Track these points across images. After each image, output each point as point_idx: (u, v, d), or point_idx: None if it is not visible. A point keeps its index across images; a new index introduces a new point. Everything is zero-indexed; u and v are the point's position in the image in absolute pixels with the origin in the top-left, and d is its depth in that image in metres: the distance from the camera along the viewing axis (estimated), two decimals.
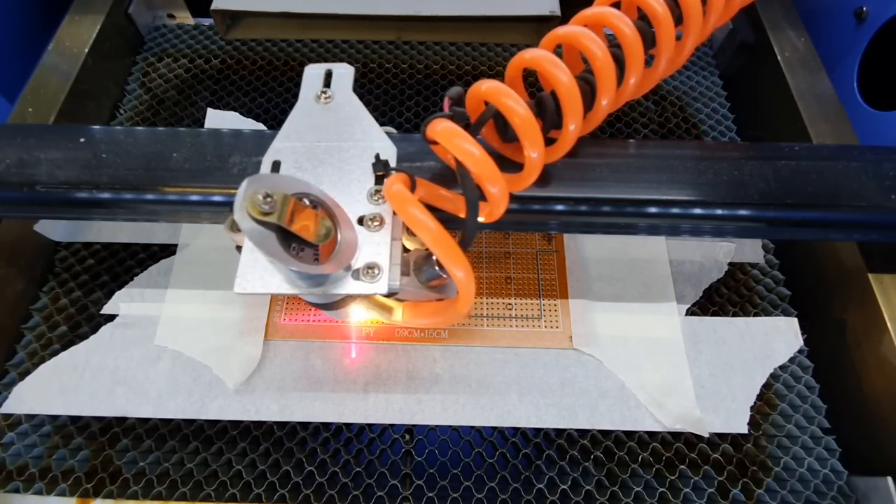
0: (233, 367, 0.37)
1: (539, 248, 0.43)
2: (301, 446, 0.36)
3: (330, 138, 0.29)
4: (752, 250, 0.43)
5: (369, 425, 0.37)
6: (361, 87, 0.51)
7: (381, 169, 0.28)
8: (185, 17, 0.57)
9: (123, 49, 0.53)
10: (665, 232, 0.38)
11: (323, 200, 0.25)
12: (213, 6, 0.51)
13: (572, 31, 0.28)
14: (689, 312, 0.41)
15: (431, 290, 0.28)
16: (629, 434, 0.37)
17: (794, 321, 0.40)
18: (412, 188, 0.27)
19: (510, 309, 0.40)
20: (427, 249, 0.27)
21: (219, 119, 0.49)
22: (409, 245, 0.29)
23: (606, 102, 0.29)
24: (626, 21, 0.28)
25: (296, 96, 0.31)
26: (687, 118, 0.51)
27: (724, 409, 0.37)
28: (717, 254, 0.43)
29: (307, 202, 0.24)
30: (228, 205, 0.31)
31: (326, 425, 0.37)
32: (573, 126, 0.28)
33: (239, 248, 0.27)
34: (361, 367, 0.38)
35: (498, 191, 0.26)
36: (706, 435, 0.36)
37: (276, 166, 0.29)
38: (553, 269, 0.42)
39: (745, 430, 0.36)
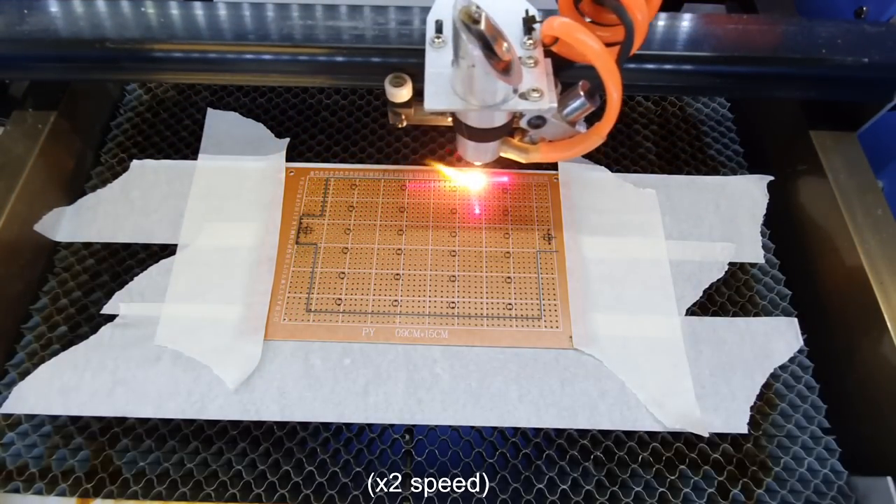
0: (233, 367, 0.37)
1: (539, 248, 0.43)
2: (301, 446, 0.36)
3: (483, 5, 0.34)
4: (752, 250, 0.43)
5: (369, 425, 0.37)
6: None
7: (530, 21, 0.33)
8: None
9: None
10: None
11: (501, 30, 0.30)
12: None
13: None
14: (689, 312, 0.41)
15: (569, 126, 0.34)
16: (629, 434, 0.37)
17: (794, 321, 0.40)
18: None
19: (510, 309, 0.40)
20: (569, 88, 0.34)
21: (219, 119, 0.49)
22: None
23: None
24: None
25: (296, 96, 0.31)
26: (687, 118, 0.51)
27: (724, 409, 0.37)
28: (716, 254, 0.43)
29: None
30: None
31: (326, 425, 0.37)
32: None
33: (394, 104, 0.35)
34: (361, 367, 0.38)
35: (642, 17, 0.31)
36: (706, 435, 0.36)
37: (438, 25, 0.33)
38: (553, 269, 0.42)
39: (745, 430, 0.36)
